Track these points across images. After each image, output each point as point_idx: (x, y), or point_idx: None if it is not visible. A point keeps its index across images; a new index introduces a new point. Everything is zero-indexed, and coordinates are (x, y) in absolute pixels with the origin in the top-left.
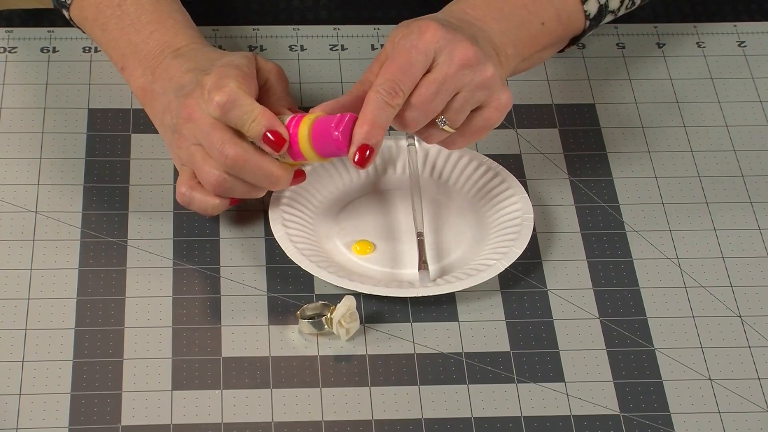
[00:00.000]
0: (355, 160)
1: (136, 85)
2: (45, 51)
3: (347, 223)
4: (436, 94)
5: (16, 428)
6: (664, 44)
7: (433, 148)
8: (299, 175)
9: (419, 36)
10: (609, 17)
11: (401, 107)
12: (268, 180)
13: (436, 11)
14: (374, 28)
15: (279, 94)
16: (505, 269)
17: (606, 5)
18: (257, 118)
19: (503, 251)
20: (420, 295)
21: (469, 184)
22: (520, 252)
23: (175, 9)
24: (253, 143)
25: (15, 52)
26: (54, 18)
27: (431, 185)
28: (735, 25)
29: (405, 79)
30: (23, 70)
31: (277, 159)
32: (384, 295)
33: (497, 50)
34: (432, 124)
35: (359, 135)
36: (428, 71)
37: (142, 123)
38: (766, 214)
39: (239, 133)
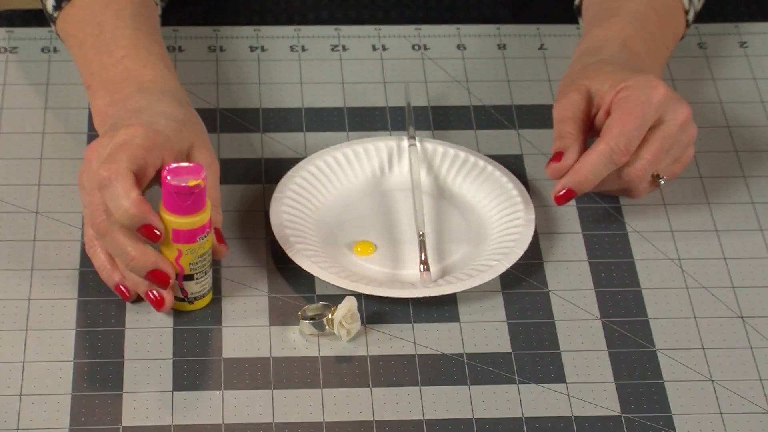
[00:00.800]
0: (557, 197)
1: (95, 105)
2: (46, 51)
3: (348, 223)
4: (662, 152)
5: (17, 429)
6: None
7: (434, 148)
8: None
9: (651, 91)
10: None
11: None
12: (125, 255)
13: (438, 12)
14: (375, 29)
15: None
16: (507, 270)
17: (697, 10)
18: (128, 210)
19: (504, 252)
20: (421, 296)
21: (470, 185)
22: (521, 253)
23: (152, 40)
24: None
25: (16, 52)
26: None
27: (433, 186)
28: (737, 26)
29: (637, 137)
30: (24, 70)
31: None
32: (385, 295)
33: None
34: (648, 181)
35: (571, 180)
36: (653, 127)
37: None
38: (767, 215)
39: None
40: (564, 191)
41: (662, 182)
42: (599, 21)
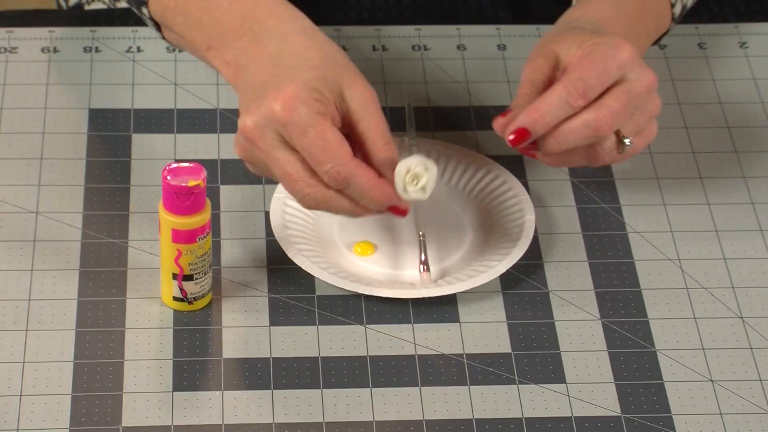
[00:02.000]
0: (510, 139)
1: (221, 61)
2: (46, 51)
3: (348, 224)
4: (627, 106)
5: (17, 429)
6: (665, 45)
7: (435, 149)
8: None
9: (617, 48)
10: (682, 15)
11: (583, 110)
12: (366, 201)
13: (438, 13)
14: (375, 29)
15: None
16: (507, 270)
17: (686, 5)
18: (373, 197)
19: (504, 252)
20: (421, 296)
21: (471, 185)
22: (521, 253)
23: None
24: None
25: (16, 52)
26: (55, 18)
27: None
28: (736, 26)
29: (597, 85)
30: (24, 70)
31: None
32: (385, 296)
33: None
34: (612, 141)
35: (525, 118)
36: (615, 84)
37: (143, 123)
38: (767, 215)
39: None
40: (516, 131)
41: (627, 144)
42: (578, 2)
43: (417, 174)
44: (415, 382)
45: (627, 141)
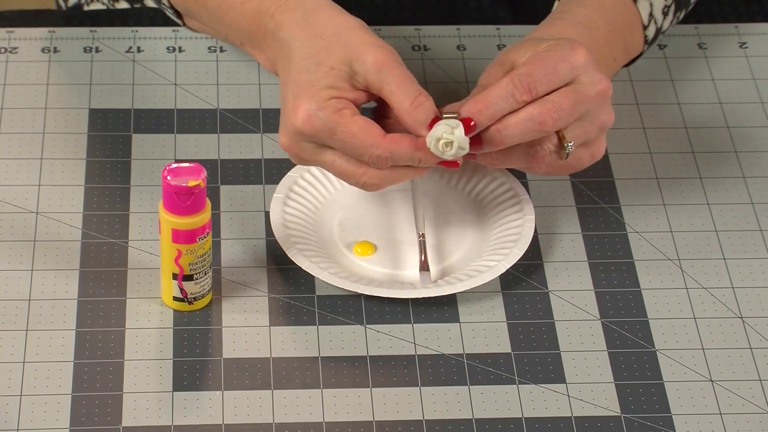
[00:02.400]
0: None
1: (259, 58)
2: (46, 51)
3: (348, 224)
4: (574, 107)
5: (17, 429)
6: (665, 45)
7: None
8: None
9: (571, 50)
10: (657, 39)
11: (529, 103)
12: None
13: (438, 13)
14: (375, 29)
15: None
16: (507, 270)
17: (660, 28)
18: (420, 158)
19: (504, 252)
20: (421, 296)
21: (471, 186)
22: (521, 253)
23: None
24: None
25: (16, 52)
26: (55, 18)
27: (433, 186)
28: (736, 26)
29: (544, 83)
30: (24, 70)
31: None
32: (385, 296)
33: None
34: (553, 144)
35: (470, 108)
36: (566, 85)
37: (143, 123)
38: (767, 216)
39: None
40: (462, 120)
41: (569, 148)
42: (547, 21)
43: (448, 140)
44: (415, 382)
45: (569, 145)
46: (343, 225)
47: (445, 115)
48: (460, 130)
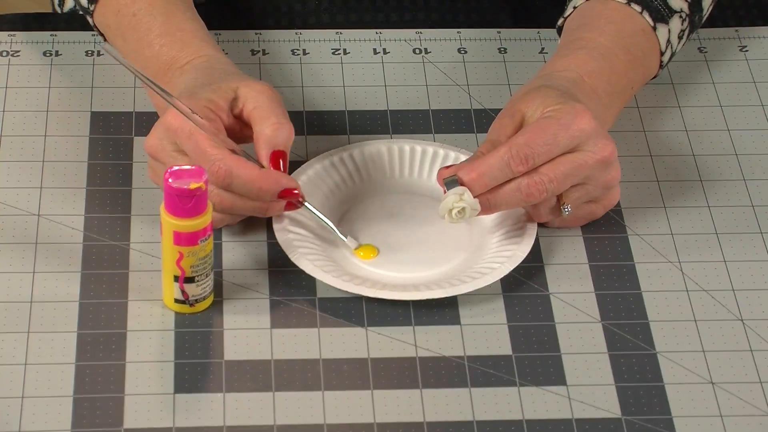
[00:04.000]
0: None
1: (154, 100)
2: (48, 54)
3: (350, 226)
4: (568, 177)
5: (19, 431)
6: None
7: (434, 151)
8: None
9: (574, 118)
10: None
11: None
12: (259, 211)
13: (439, 16)
14: (376, 32)
15: (261, 132)
16: (510, 275)
17: (675, 52)
18: (261, 186)
19: (507, 255)
20: (423, 298)
21: None
22: (523, 256)
23: (186, 18)
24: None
25: (18, 55)
26: (57, 22)
27: (434, 189)
28: (737, 30)
29: (542, 153)
30: (26, 73)
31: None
32: (387, 298)
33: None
34: (551, 204)
35: (464, 175)
36: (567, 152)
37: (145, 126)
38: (767, 218)
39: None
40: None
41: (566, 212)
42: (565, 50)
43: (460, 208)
44: (416, 384)
45: (565, 209)
46: (345, 227)
47: (444, 180)
48: (468, 195)
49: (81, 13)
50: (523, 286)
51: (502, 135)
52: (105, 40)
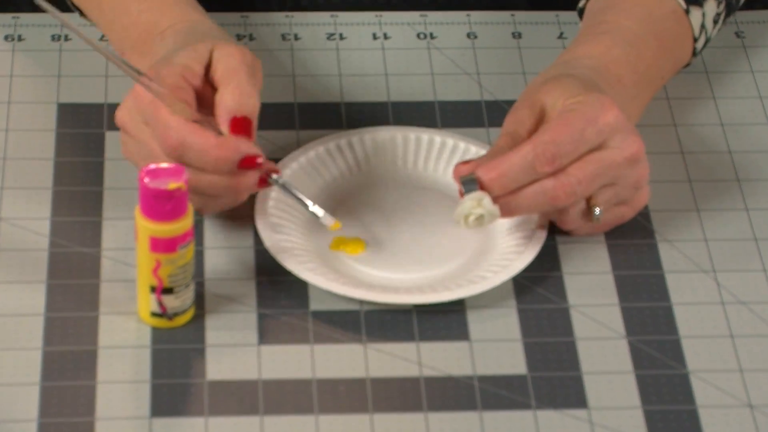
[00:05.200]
0: (461, 191)
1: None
2: (9, 39)
3: (343, 221)
4: (597, 177)
5: None
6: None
7: (442, 141)
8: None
9: (599, 111)
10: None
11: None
12: (230, 190)
13: None
14: (376, 15)
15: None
16: (522, 283)
17: (709, 38)
18: (217, 155)
19: (518, 250)
20: (428, 301)
21: None
22: (535, 252)
23: None
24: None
25: None
26: (20, 3)
27: (438, 181)
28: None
29: (570, 152)
30: None
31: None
32: (389, 301)
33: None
34: (581, 208)
35: (483, 175)
36: (593, 150)
37: None
38: None
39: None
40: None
41: (598, 214)
42: (587, 35)
43: (478, 216)
44: (420, 407)
45: (597, 210)
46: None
47: (462, 179)
48: (487, 200)
49: None
50: (540, 297)
51: (521, 128)
52: (82, 15)
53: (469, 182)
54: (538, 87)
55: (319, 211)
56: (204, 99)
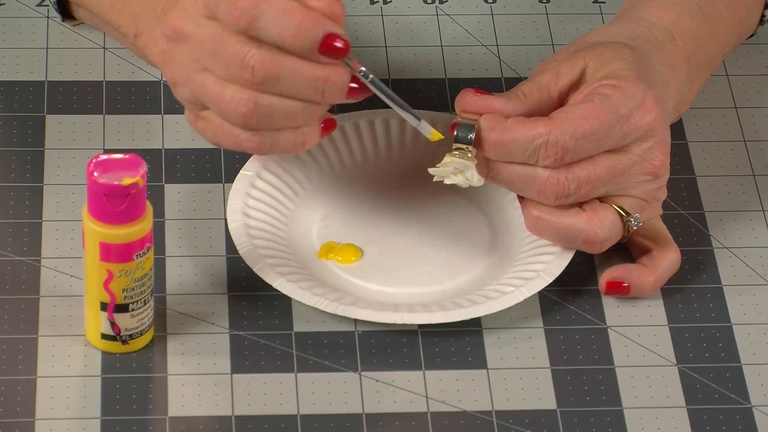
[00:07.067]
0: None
1: (156, 49)
2: None
3: (333, 224)
4: (602, 184)
5: None
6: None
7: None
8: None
9: (638, 109)
10: None
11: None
12: (314, 87)
13: None
14: None
15: None
16: (550, 298)
17: None
18: (298, 23)
19: (545, 261)
20: (435, 321)
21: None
22: (566, 263)
23: None
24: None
25: None
26: None
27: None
28: None
29: (587, 149)
30: None
31: None
32: (387, 321)
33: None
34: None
35: (485, 131)
36: (614, 150)
37: (62, 100)
38: None
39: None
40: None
41: (635, 223)
42: None
43: (456, 182)
44: None
45: (632, 221)
46: (325, 230)
47: (454, 146)
48: (472, 172)
49: None
50: (572, 316)
51: (553, 85)
52: (63, 8)
53: (466, 128)
54: (591, 47)
55: (417, 118)
56: None
